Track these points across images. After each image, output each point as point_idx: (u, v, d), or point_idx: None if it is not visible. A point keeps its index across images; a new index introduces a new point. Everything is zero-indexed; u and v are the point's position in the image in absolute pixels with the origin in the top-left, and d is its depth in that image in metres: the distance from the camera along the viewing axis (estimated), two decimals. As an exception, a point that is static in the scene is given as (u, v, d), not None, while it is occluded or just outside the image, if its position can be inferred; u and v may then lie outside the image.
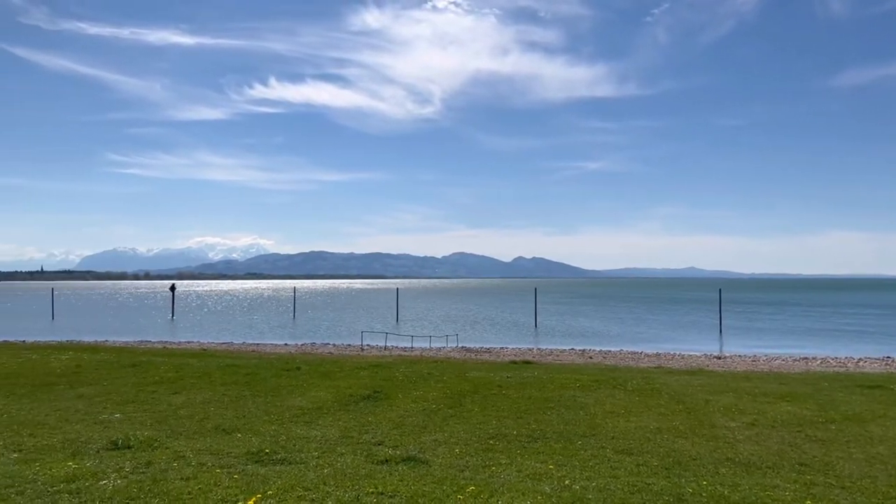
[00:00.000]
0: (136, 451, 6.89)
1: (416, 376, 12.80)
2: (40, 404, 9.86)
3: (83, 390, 11.16)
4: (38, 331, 34.59)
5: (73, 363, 14.64)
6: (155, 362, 14.99)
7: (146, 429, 8.05)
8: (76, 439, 7.49)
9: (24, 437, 7.59)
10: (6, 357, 15.91)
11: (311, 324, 42.44)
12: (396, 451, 6.99)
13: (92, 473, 6.01)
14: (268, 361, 15.98)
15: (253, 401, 10.14)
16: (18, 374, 13.06)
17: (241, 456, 6.74)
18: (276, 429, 8.13)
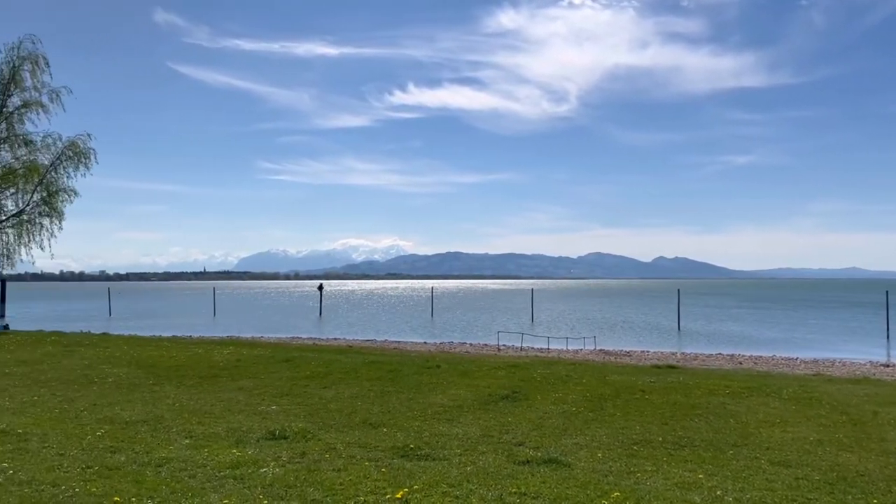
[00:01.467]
0: (292, 442, 7.33)
1: (554, 378, 12.69)
2: (206, 395, 10.71)
3: (243, 383, 12.01)
4: (202, 327, 37.62)
5: (234, 357, 15.78)
6: (306, 358, 15.84)
7: (300, 421, 8.54)
8: (238, 428, 8.08)
9: (193, 425, 8.29)
10: (176, 351, 17.42)
11: (449, 323, 43.19)
12: (537, 452, 6.98)
13: (253, 461, 6.47)
14: (409, 359, 16.44)
15: (396, 397, 10.48)
16: (187, 366, 14.27)
17: (387, 450, 6.99)
18: (419, 425, 8.35)
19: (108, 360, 15.24)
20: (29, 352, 16.76)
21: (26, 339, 20.40)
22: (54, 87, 28.05)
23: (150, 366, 14.26)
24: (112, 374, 12.86)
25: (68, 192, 28.52)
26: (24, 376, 12.62)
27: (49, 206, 28.19)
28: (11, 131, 27.72)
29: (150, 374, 12.94)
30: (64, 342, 19.53)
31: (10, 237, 28.03)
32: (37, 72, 27.56)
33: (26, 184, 27.69)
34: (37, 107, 27.79)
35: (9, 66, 27.12)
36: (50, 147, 28.09)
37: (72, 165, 28.33)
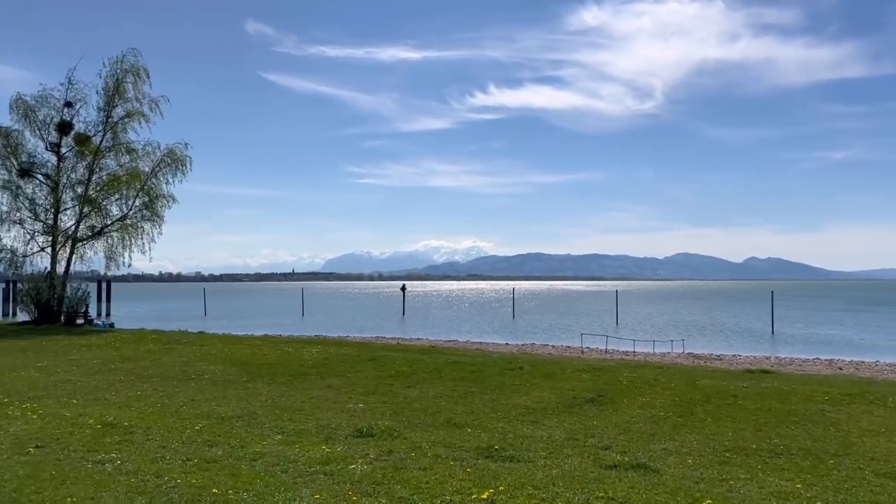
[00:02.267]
0: (379, 440, 7.47)
1: (640, 381, 12.42)
2: (296, 392, 11.06)
3: (331, 381, 12.32)
4: (291, 326, 38.82)
5: (322, 356, 16.22)
6: (390, 357, 16.10)
7: (386, 419, 8.69)
8: (327, 425, 8.30)
9: (285, 422, 8.57)
10: (268, 349, 18.06)
11: (530, 324, 42.93)
12: (625, 457, 6.85)
13: (342, 457, 6.63)
14: (491, 360, 16.44)
15: (480, 397, 10.51)
16: (278, 364, 14.77)
17: (472, 450, 7.03)
18: (503, 426, 8.35)
19: (204, 357, 15.95)
20: (132, 349, 17.75)
21: (129, 337, 21.61)
22: (154, 97, 29.65)
23: (243, 363, 14.83)
24: (208, 371, 13.46)
25: (167, 198, 30.05)
26: (129, 372, 13.37)
27: (150, 211, 29.77)
28: (116, 140, 29.46)
29: (243, 372, 13.46)
30: (164, 340, 20.58)
31: (115, 240, 29.75)
32: (138, 83, 29.19)
33: (129, 190, 29.34)
34: (138, 116, 29.42)
35: (113, 78, 28.84)
36: (150, 155, 29.69)
37: (170, 172, 29.85)
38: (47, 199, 28.96)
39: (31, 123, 28.75)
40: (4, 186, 28.49)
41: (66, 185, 29.17)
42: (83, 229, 29.33)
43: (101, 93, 29.03)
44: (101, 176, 29.40)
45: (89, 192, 29.05)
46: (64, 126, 28.80)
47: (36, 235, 28.98)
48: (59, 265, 28.95)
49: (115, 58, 28.83)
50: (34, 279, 29.29)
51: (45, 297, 28.11)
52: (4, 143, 28.22)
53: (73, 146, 29.08)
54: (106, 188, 29.37)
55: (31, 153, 28.93)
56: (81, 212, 29.15)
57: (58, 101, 28.88)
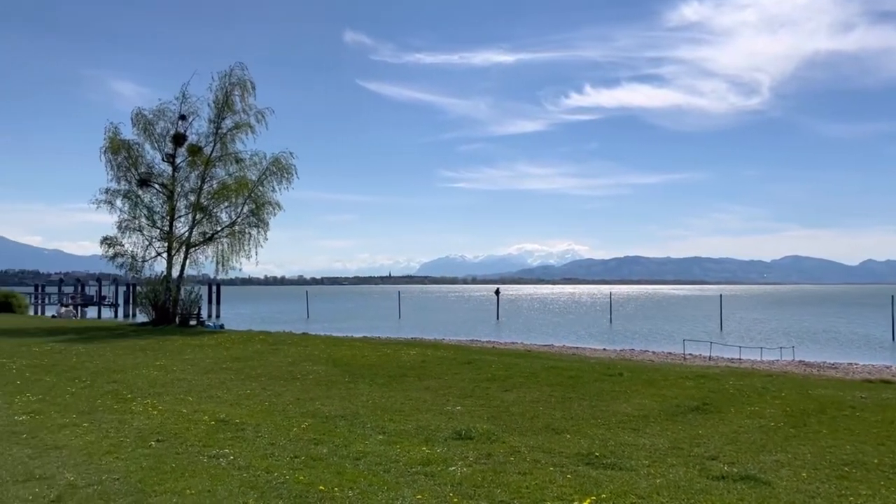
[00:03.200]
0: (477, 443, 7.51)
1: (748, 390, 11.90)
2: (396, 393, 11.28)
3: (429, 383, 12.49)
4: (389, 328, 39.58)
5: (419, 358, 16.46)
6: (486, 360, 16.15)
7: (484, 422, 8.73)
8: (427, 427, 8.43)
9: (385, 422, 8.76)
10: (367, 351, 18.50)
11: (629, 329, 41.93)
12: (733, 468, 6.59)
13: (442, 459, 6.72)
14: (589, 365, 16.19)
15: (578, 403, 10.37)
16: (378, 365, 15.10)
17: (571, 456, 6.95)
18: (603, 433, 8.21)
19: (308, 358, 16.52)
20: (241, 349, 18.61)
21: (238, 338, 22.66)
22: (260, 109, 31.05)
23: (345, 364, 15.26)
24: (312, 372, 13.94)
25: (273, 205, 31.36)
26: (238, 371, 14.03)
27: (256, 218, 31.16)
28: (225, 150, 31.04)
29: (345, 373, 13.85)
30: (270, 341, 21.45)
31: (225, 246, 31.33)
32: (245, 96, 30.65)
33: (237, 198, 30.82)
34: (245, 127, 30.90)
35: (223, 92, 30.40)
36: (257, 164, 31.09)
37: (276, 180, 31.14)
38: (163, 208, 30.83)
39: (150, 136, 30.74)
40: (126, 196, 30.56)
41: (180, 194, 30.96)
42: (196, 235, 31.04)
43: (212, 106, 30.69)
44: (211, 185, 31.06)
45: (201, 201, 30.71)
46: (178, 138, 30.61)
47: (153, 241, 30.93)
48: (174, 269, 30.74)
49: (223, 72, 30.41)
50: (152, 283, 31.23)
51: (161, 300, 29.90)
52: (126, 156, 30.28)
53: (186, 157, 30.84)
54: (216, 196, 30.97)
55: (149, 164, 30.93)
56: (194, 219, 30.87)
57: (173, 115, 30.74)
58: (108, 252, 30.60)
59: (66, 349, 18.32)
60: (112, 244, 30.55)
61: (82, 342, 20.71)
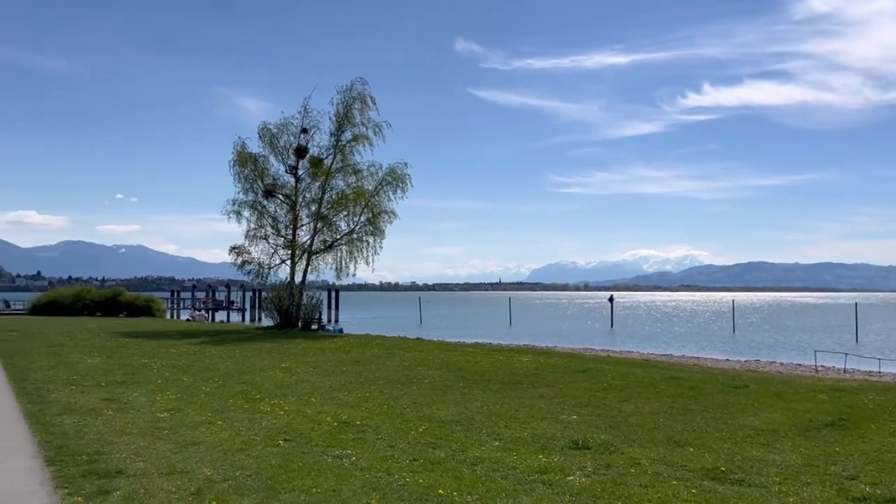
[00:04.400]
0: (595, 453, 7.39)
1: (891, 405, 11.01)
2: (509, 400, 11.27)
3: (543, 391, 12.40)
4: (499, 334, 39.57)
5: (532, 366, 16.37)
6: (601, 369, 15.84)
7: (601, 432, 8.57)
8: (542, 435, 8.37)
9: (501, 428, 8.78)
10: (480, 357, 18.60)
11: (753, 339, 39.85)
12: (876, 489, 6.12)
13: (559, 468, 6.66)
14: (711, 376, 15.53)
15: (701, 415, 9.97)
16: (491, 371, 15.15)
17: (695, 470, 6.70)
18: (729, 447, 7.85)
19: (423, 362, 16.83)
20: (359, 353, 19.20)
21: (356, 342, 23.39)
22: (377, 122, 32.04)
23: (458, 369, 15.42)
24: (427, 376, 14.18)
25: (388, 214, 32.26)
26: (357, 374, 14.49)
27: (373, 226, 32.17)
28: (344, 162, 32.26)
29: (459, 378, 14.00)
30: (386, 345, 22.01)
31: (343, 253, 32.53)
32: (364, 109, 31.75)
33: (355, 207, 31.93)
34: (363, 140, 31.98)
35: (343, 105, 31.62)
36: (374, 174, 32.11)
37: (391, 190, 32.04)
38: (287, 217, 32.41)
39: (274, 149, 32.46)
40: (252, 206, 32.36)
41: (302, 204, 32.47)
42: (317, 243, 32.41)
43: (332, 119, 32.03)
44: (331, 195, 32.35)
45: (321, 210, 32.04)
46: (301, 150, 32.12)
47: (278, 249, 32.58)
48: (297, 276, 32.19)
49: (344, 87, 31.65)
50: (276, 288, 32.87)
51: (285, 305, 31.38)
52: (252, 168, 32.09)
53: (308, 168, 32.30)
54: (335, 206, 32.22)
55: (274, 176, 32.63)
56: (315, 228, 32.24)
57: (295, 128, 32.31)
58: (236, 260, 32.54)
59: (199, 351, 19.58)
60: (240, 252, 32.44)
61: (214, 345, 22.06)
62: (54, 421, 8.69)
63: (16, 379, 12.81)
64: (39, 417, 8.93)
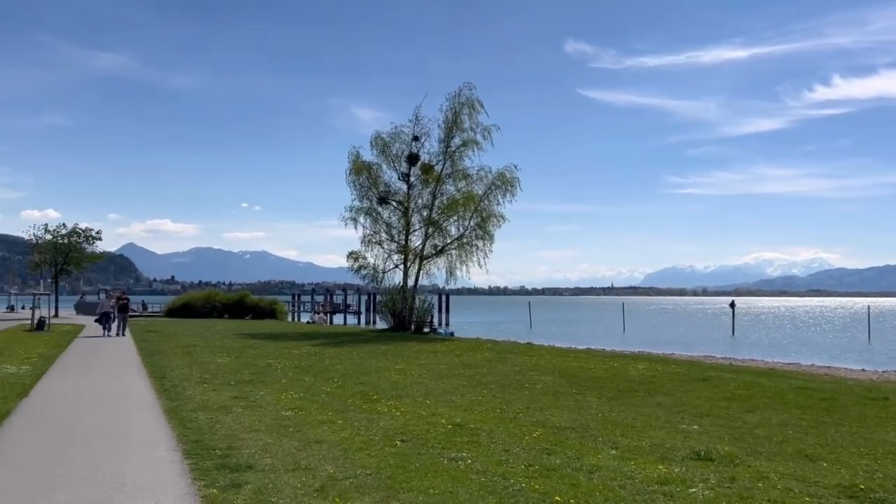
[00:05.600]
0: (719, 465, 7.09)
1: None
2: (625, 408, 11.01)
3: (660, 399, 12.02)
4: (612, 340, 38.73)
5: (649, 373, 15.90)
6: (723, 378, 15.16)
7: (724, 444, 8.20)
8: (661, 445, 8.12)
9: (617, 437, 8.59)
10: (593, 363, 18.27)
11: (893, 348, 36.86)
12: None
13: (681, 479, 6.44)
14: (846, 387, 14.52)
15: (835, 429, 9.35)
16: (604, 378, 14.85)
17: (830, 487, 6.29)
18: (868, 463, 7.32)
19: (534, 367, 16.73)
20: (470, 357, 19.35)
21: (467, 346, 23.57)
22: (486, 126, 32.22)
23: (571, 375, 15.22)
24: (540, 381, 14.09)
25: (497, 217, 32.36)
26: (469, 378, 14.60)
27: (482, 230, 32.34)
28: (454, 167, 32.66)
29: (572, 384, 13.81)
30: (497, 350, 22.05)
31: (454, 257, 32.89)
32: (473, 114, 32.03)
33: (465, 211, 32.23)
34: (472, 144, 32.27)
35: (452, 112, 32.04)
36: (483, 178, 32.31)
37: (500, 193, 32.11)
38: (400, 223, 33.19)
39: (387, 157, 33.34)
40: (367, 213, 33.38)
41: (414, 210, 33.14)
42: (428, 248, 32.98)
43: (441, 126, 32.52)
44: (441, 200, 32.83)
45: (433, 215, 32.57)
46: (412, 158, 32.82)
47: (392, 254, 33.41)
48: (410, 280, 32.85)
49: (452, 93, 32.06)
50: (390, 292, 33.70)
51: (399, 308, 32.12)
52: (367, 176, 33.11)
53: (419, 175, 32.94)
54: (446, 211, 32.65)
55: (387, 183, 33.51)
56: (426, 233, 32.82)
57: (407, 136, 33.05)
58: (353, 265, 33.63)
59: (319, 352, 20.37)
60: (357, 257, 33.53)
61: (333, 346, 22.88)
62: (190, 416, 9.30)
63: (155, 376, 13.81)
64: (177, 413, 9.59)
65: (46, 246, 45.30)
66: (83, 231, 46.22)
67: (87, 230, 46.41)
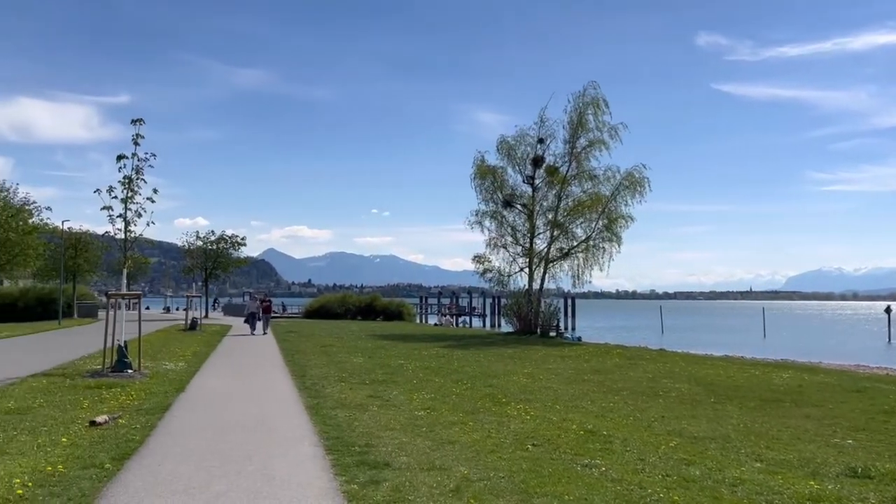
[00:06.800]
0: (879, 483, 6.56)
1: None
2: (769, 419, 10.40)
3: (808, 410, 11.27)
4: (752, 347, 36.64)
5: (795, 382, 14.94)
6: (880, 389, 14.00)
7: (885, 461, 7.57)
8: (812, 459, 7.61)
9: (761, 449, 8.14)
10: (732, 371, 17.40)
11: None
12: None
13: (835, 497, 6.01)
14: None
15: None
16: (745, 387, 14.10)
17: None
18: None
19: (667, 374, 16.17)
20: (599, 362, 18.97)
21: (595, 351, 23.14)
22: (613, 125, 31.54)
23: (708, 383, 14.57)
24: (674, 389, 13.59)
25: (625, 219, 31.55)
26: (599, 384, 14.32)
27: (610, 232, 31.64)
28: (579, 168, 32.19)
29: (709, 392, 13.23)
30: (627, 355, 21.48)
31: (580, 260, 32.39)
32: (598, 114, 31.45)
33: (591, 213, 31.68)
34: (599, 144, 31.66)
35: (576, 112, 31.60)
36: (610, 179, 31.64)
37: (629, 194, 31.29)
38: (524, 226, 33.13)
39: (512, 160, 33.40)
40: (492, 216, 33.59)
41: (538, 213, 32.96)
42: (553, 251, 32.68)
43: (566, 126, 32.14)
44: (567, 202, 32.44)
45: (558, 218, 32.24)
46: (537, 160, 32.68)
47: (517, 258, 33.41)
48: (535, 283, 32.69)
49: (577, 93, 31.63)
50: (515, 295, 33.68)
51: (524, 312, 32.03)
52: (492, 180, 33.31)
53: (544, 177, 32.74)
54: (571, 213, 32.24)
55: (512, 186, 33.56)
56: (552, 235, 32.55)
57: (532, 139, 32.95)
58: (478, 268, 33.92)
59: (447, 354, 20.71)
60: (482, 261, 33.79)
61: (460, 348, 23.19)
62: (329, 414, 9.74)
63: (297, 375, 14.57)
64: (318, 410, 10.07)
65: (197, 252, 48.88)
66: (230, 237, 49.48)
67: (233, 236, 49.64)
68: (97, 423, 8.50)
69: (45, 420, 8.79)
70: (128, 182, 14.58)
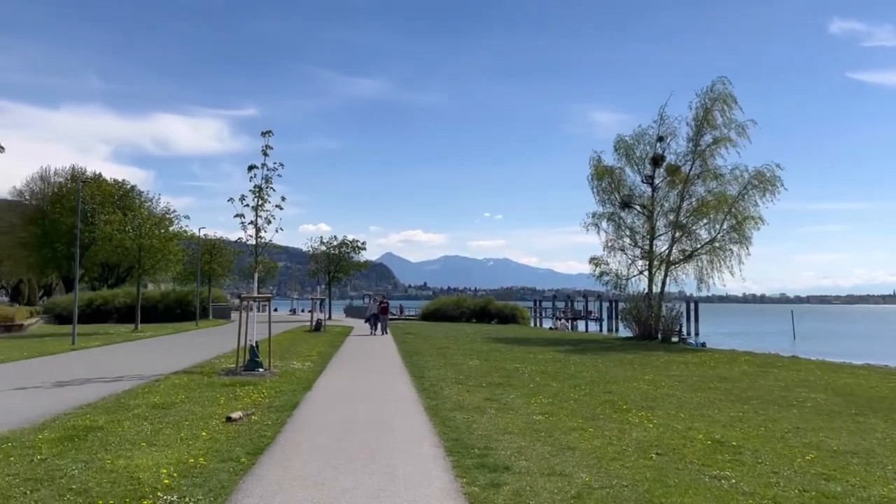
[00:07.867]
0: None
1: None
2: (922, 434, 9.56)
3: (967, 427, 10.25)
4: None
5: (950, 395, 13.65)
6: None
7: None
8: (973, 481, 6.93)
9: (912, 467, 7.50)
10: (875, 380, 16.12)
11: None
12: None
13: None
14: None
15: None
16: (891, 398, 13.02)
17: None
18: None
19: (801, 383, 15.21)
20: (726, 369, 18.12)
21: (721, 357, 22.10)
22: (741, 122, 30.09)
23: (847, 394, 13.60)
24: (809, 399, 12.77)
25: (755, 220, 29.96)
26: (727, 392, 13.67)
27: (737, 234, 30.16)
28: (704, 167, 30.92)
29: (849, 403, 12.33)
30: (756, 362, 20.39)
31: (704, 263, 31.07)
32: (726, 110, 30.12)
33: (717, 214, 30.33)
34: (725, 142, 30.30)
35: (702, 108, 30.40)
36: (737, 178, 30.19)
37: (758, 194, 29.72)
38: (643, 227, 32.19)
39: (630, 160, 32.57)
40: (610, 218, 32.88)
41: (659, 214, 31.94)
42: (675, 253, 31.54)
43: (691, 124, 30.98)
44: (690, 202, 31.23)
45: (680, 219, 31.10)
46: (657, 159, 31.69)
47: (635, 260, 32.52)
48: (655, 286, 31.68)
49: (704, 89, 30.42)
50: (634, 299, 32.77)
51: (643, 316, 31.10)
52: (609, 181, 32.62)
53: (665, 177, 31.69)
54: (695, 214, 31.00)
55: (630, 187, 32.73)
56: (673, 237, 31.42)
57: (651, 138, 32.00)
58: (595, 271, 33.31)
59: (564, 358, 20.45)
60: (599, 263, 33.16)
61: (577, 353, 22.84)
62: (448, 416, 9.88)
63: (415, 376, 14.88)
64: (437, 411, 10.24)
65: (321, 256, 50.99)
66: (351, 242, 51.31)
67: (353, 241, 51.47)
68: (233, 420, 9.07)
69: (187, 415, 9.46)
70: (258, 191, 15.44)
